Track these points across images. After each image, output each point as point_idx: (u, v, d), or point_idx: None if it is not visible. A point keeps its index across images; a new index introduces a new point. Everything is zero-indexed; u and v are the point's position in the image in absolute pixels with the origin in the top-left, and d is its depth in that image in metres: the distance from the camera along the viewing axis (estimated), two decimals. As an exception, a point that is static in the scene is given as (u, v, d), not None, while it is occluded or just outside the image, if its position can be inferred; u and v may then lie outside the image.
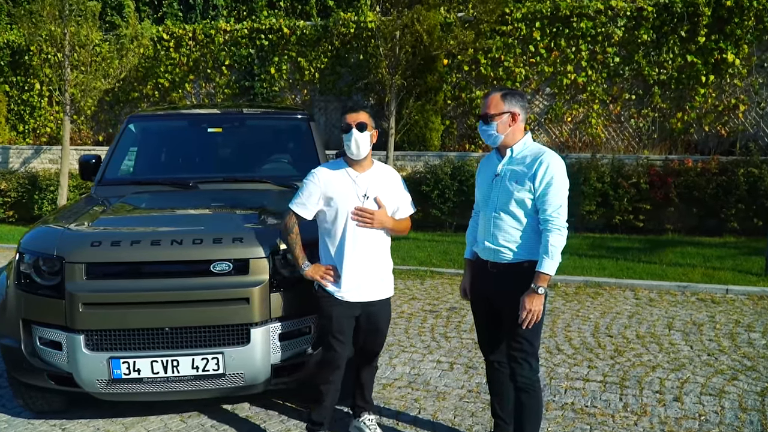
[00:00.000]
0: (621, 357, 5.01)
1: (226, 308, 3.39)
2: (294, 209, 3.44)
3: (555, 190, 3.11)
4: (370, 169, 3.52)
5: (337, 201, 3.40)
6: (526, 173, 3.14)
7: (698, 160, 9.92)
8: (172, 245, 3.41)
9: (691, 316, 6.00)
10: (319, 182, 3.43)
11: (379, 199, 3.47)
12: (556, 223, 3.10)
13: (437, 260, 8.33)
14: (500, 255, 3.23)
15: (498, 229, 3.22)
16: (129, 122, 5.19)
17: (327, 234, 3.47)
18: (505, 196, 3.19)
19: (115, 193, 4.58)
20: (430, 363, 4.98)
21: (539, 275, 3.11)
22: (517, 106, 3.21)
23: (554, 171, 3.13)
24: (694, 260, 8.01)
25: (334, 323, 3.45)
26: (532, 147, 3.26)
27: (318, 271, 3.43)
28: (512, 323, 3.21)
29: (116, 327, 3.36)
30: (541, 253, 3.12)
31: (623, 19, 11.10)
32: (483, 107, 3.24)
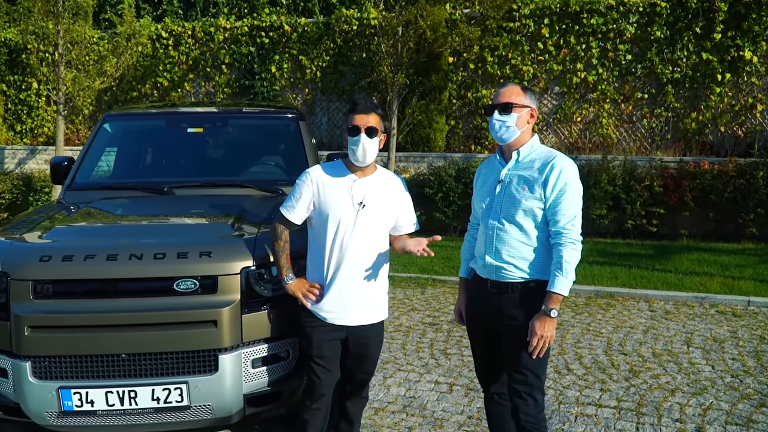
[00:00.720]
0: (636, 378, 4.58)
1: (191, 332, 2.98)
2: (283, 213, 3.08)
3: (569, 198, 2.73)
4: (371, 175, 3.12)
5: (328, 206, 3.01)
6: (535, 179, 2.77)
7: (715, 161, 9.46)
8: (131, 260, 3.01)
9: (711, 332, 5.56)
10: (312, 183, 3.05)
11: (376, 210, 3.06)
12: (570, 236, 2.71)
13: (440, 267, 7.92)
14: (503, 273, 2.82)
15: (501, 242, 2.82)
16: (104, 121, 4.81)
17: (314, 244, 3.10)
18: (510, 205, 2.81)
19: (86, 199, 4.18)
20: (428, 384, 4.57)
21: (551, 296, 2.71)
22: (535, 103, 2.89)
23: (568, 177, 2.74)
24: (712, 268, 7.56)
25: (314, 347, 3.05)
26: (541, 150, 2.88)
27: (301, 287, 3.06)
28: (515, 352, 2.80)
29: (67, 353, 2.96)
30: (552, 271, 2.72)
31: (635, 15, 10.65)
32: (498, 96, 2.85)
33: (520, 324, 2.78)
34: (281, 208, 3.08)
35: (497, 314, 2.86)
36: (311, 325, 3.06)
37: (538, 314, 2.74)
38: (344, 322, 3.05)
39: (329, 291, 3.03)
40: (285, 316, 3.18)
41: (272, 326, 3.18)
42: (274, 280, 3.19)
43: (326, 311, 3.03)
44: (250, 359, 3.11)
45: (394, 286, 7.21)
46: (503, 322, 2.84)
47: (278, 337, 3.21)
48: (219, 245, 3.14)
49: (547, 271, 2.76)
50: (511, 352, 2.84)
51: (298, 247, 3.13)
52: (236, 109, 5.10)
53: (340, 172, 3.10)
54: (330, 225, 3.01)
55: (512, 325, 2.81)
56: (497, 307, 2.85)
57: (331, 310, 3.03)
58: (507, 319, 2.82)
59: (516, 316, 2.80)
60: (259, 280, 3.17)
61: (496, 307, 2.85)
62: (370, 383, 4.52)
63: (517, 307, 2.80)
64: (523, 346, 2.78)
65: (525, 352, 2.77)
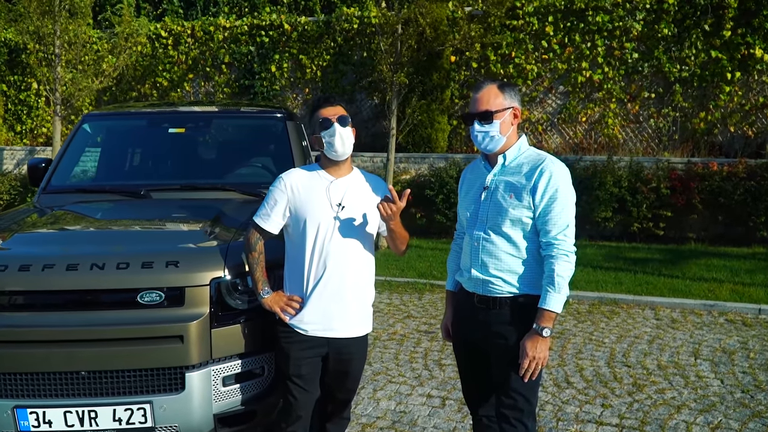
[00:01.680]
0: (640, 393, 4.34)
1: (156, 348, 2.77)
2: (257, 222, 2.87)
3: (560, 206, 2.49)
4: (348, 175, 2.92)
5: (305, 210, 2.81)
6: (523, 185, 2.54)
7: (724, 163, 9.18)
8: (92, 270, 2.79)
9: (720, 342, 5.31)
10: (286, 188, 2.85)
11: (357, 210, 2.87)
12: (563, 247, 2.48)
13: (438, 271, 7.68)
14: (490, 287, 2.59)
15: (488, 254, 2.58)
16: (83, 122, 4.60)
17: (292, 252, 2.88)
18: (496, 214, 2.58)
19: (61, 202, 3.99)
20: (420, 398, 4.34)
21: (543, 313, 2.47)
22: (516, 100, 2.62)
23: (559, 182, 2.51)
24: (721, 274, 7.29)
25: (292, 364, 2.82)
26: (529, 153, 2.64)
27: (279, 301, 2.84)
28: (504, 374, 2.57)
29: (23, 370, 2.75)
30: (544, 286, 2.48)
31: (642, 12, 10.39)
32: (475, 103, 2.59)
33: (509, 343, 2.55)
34: (255, 218, 2.87)
35: (484, 332, 2.62)
36: (289, 340, 2.83)
37: (530, 333, 2.50)
38: (326, 334, 2.83)
39: (310, 301, 2.82)
40: (260, 329, 2.96)
41: (246, 341, 2.95)
42: (249, 291, 2.97)
43: (306, 323, 2.82)
44: (220, 376, 2.89)
45: (390, 291, 6.99)
46: (491, 340, 2.61)
47: (252, 353, 2.99)
48: (187, 254, 2.92)
49: (538, 285, 2.53)
50: (499, 373, 2.60)
51: (274, 257, 2.90)
52: (220, 108, 4.88)
53: (315, 174, 2.91)
54: (308, 230, 2.80)
55: (501, 345, 2.57)
56: (484, 324, 2.61)
57: (311, 321, 2.82)
58: (495, 338, 2.59)
59: (505, 335, 2.56)
60: (232, 292, 2.95)
61: (484, 324, 2.62)
62: (359, 397, 4.31)
63: (505, 324, 2.57)
64: (512, 367, 2.54)
65: (515, 374, 2.54)
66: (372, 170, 10.73)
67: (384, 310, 6.31)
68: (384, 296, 6.81)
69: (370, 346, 5.31)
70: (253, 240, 2.86)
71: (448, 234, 10.02)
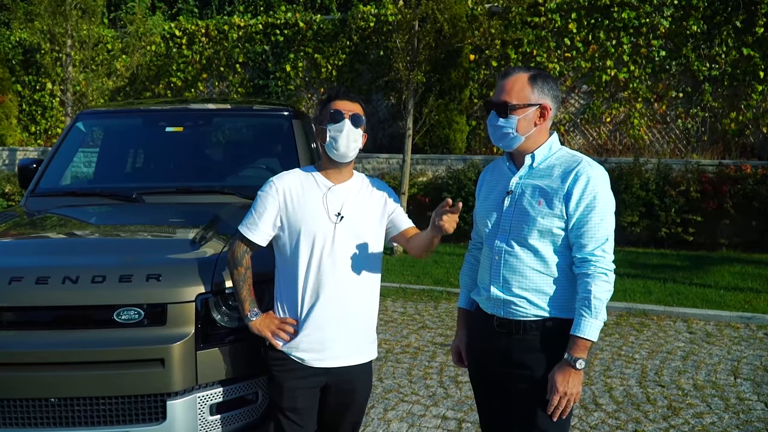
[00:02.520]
0: (677, 417, 3.95)
1: (134, 372, 2.45)
2: (243, 232, 2.48)
3: (598, 216, 2.14)
4: (349, 180, 2.56)
5: (300, 221, 2.45)
6: (555, 190, 2.17)
7: (758, 165, 8.71)
8: (64, 284, 2.49)
9: (761, 359, 4.89)
10: (278, 194, 2.47)
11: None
12: (601, 264, 2.12)
13: (456, 279, 7.32)
14: (513, 309, 2.23)
15: (510, 270, 2.22)
16: (78, 120, 4.32)
17: (284, 268, 2.50)
18: (522, 223, 2.21)
19: (47, 206, 3.71)
20: (434, 419, 3.99)
21: (577, 342, 2.11)
22: (549, 96, 2.23)
23: (597, 189, 2.14)
24: (757, 284, 6.85)
25: (286, 397, 2.45)
26: (561, 154, 2.27)
27: (269, 324, 2.47)
28: (528, 411, 2.22)
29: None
30: (578, 310, 2.12)
31: (670, 8, 9.95)
32: (498, 92, 2.24)
33: (535, 376, 2.19)
34: (240, 227, 2.50)
35: (505, 361, 2.26)
36: (283, 369, 2.46)
37: (560, 365, 2.14)
38: (325, 364, 2.46)
39: (306, 325, 2.45)
40: (252, 350, 2.63)
41: (236, 363, 2.63)
42: None
43: (303, 351, 2.45)
44: (207, 404, 2.57)
45: (405, 300, 6.65)
46: (514, 371, 2.25)
47: (244, 377, 2.67)
48: (171, 266, 2.60)
49: (569, 308, 2.17)
50: (523, 410, 2.25)
51: (265, 270, 2.57)
52: (221, 106, 4.58)
53: (311, 178, 2.54)
54: (303, 244, 2.44)
55: (525, 377, 2.22)
56: (506, 352, 2.25)
57: (308, 349, 2.45)
58: (518, 368, 2.23)
59: (530, 365, 2.21)
60: (221, 308, 2.63)
61: (505, 353, 2.26)
62: (368, 417, 3.97)
63: (531, 352, 2.21)
64: (538, 403, 2.19)
65: (541, 412, 2.19)
66: (388, 172, 10.41)
67: (398, 320, 5.97)
68: (398, 305, 6.48)
69: (381, 359, 4.99)
70: (238, 253, 2.49)
71: (466, 238, 9.60)
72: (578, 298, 2.14)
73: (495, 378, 2.34)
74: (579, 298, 2.13)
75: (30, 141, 14.61)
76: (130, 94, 13.80)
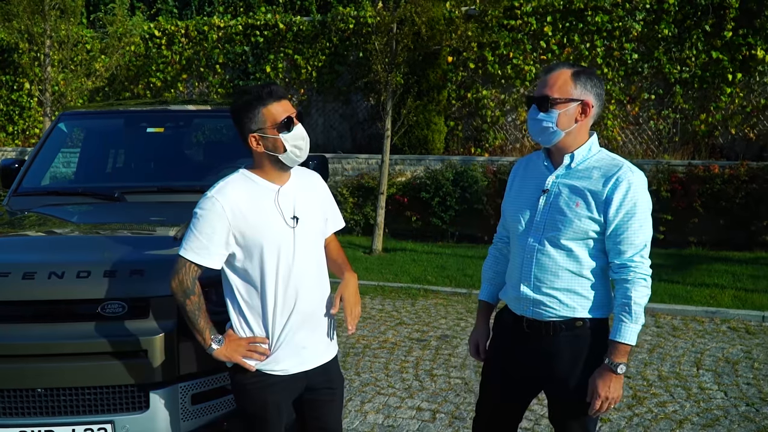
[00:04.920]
0: (641, 406, 4.14)
1: (118, 363, 2.57)
2: (191, 259, 2.27)
3: (638, 223, 2.17)
4: (291, 178, 2.42)
5: (259, 234, 2.27)
6: (594, 193, 2.19)
7: (725, 165, 8.98)
8: (50, 279, 2.60)
9: (723, 351, 5.11)
10: (224, 211, 2.25)
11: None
12: (640, 270, 2.17)
13: (433, 276, 7.48)
14: (543, 309, 2.26)
15: (542, 269, 2.24)
16: (60, 120, 4.40)
17: (247, 285, 2.33)
18: (558, 223, 2.22)
19: (29, 205, 3.79)
20: (409, 410, 4.14)
21: (617, 347, 2.16)
22: (592, 93, 2.23)
23: (638, 196, 2.17)
24: (723, 280, 7.09)
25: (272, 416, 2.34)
26: (602, 156, 2.28)
27: (238, 348, 2.31)
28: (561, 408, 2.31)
29: (-26, 387, 2.56)
30: (617, 315, 2.17)
31: (642, 12, 10.20)
32: (541, 86, 2.24)
33: (566, 375, 2.24)
34: (185, 254, 2.28)
35: (535, 364, 2.29)
36: (263, 385, 2.34)
37: (601, 370, 2.19)
38: (305, 367, 2.39)
39: (282, 338, 2.34)
40: (233, 342, 2.75)
41: (217, 355, 2.74)
42: (221, 300, 2.75)
43: (282, 361, 2.34)
44: (189, 394, 2.69)
45: (383, 297, 6.79)
46: (544, 372, 2.28)
47: (224, 368, 2.73)
48: (153, 262, 2.72)
49: (602, 308, 2.23)
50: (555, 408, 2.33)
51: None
52: (202, 107, 4.68)
53: (253, 185, 2.34)
54: (268, 257, 2.28)
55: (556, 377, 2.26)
56: (535, 355, 2.29)
57: (287, 357, 2.35)
58: (549, 369, 2.27)
59: (560, 367, 2.25)
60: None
61: (534, 355, 2.29)
62: (345, 410, 4.11)
63: (561, 353, 2.25)
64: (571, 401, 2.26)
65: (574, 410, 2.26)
66: (367, 172, 10.55)
67: (376, 317, 6.11)
68: (376, 302, 6.62)
69: (359, 354, 5.13)
70: (188, 282, 2.28)
71: (443, 238, 9.83)
72: (617, 303, 2.18)
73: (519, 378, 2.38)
74: (618, 303, 2.18)
75: (8, 141, 14.51)
76: (109, 95, 13.77)
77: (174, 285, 2.30)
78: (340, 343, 5.25)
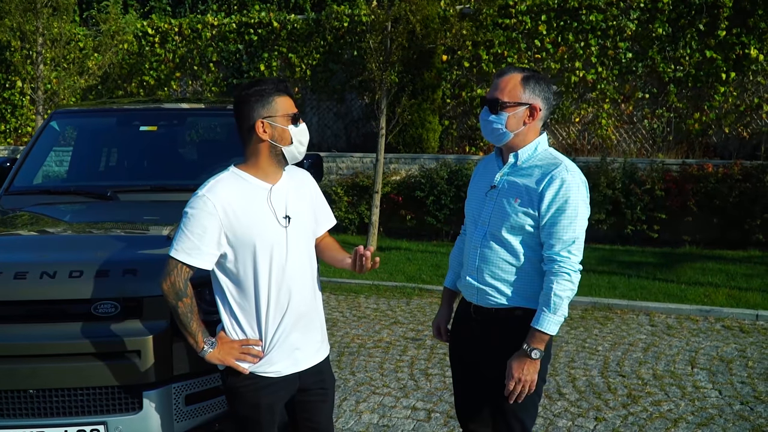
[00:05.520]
0: (636, 405, 4.14)
1: (111, 364, 2.55)
2: (183, 260, 2.21)
3: (568, 219, 2.25)
4: (283, 176, 2.37)
5: (251, 234, 2.23)
6: (531, 190, 2.29)
7: (719, 164, 9.00)
8: (42, 279, 2.57)
9: (718, 350, 5.11)
10: (216, 209, 2.20)
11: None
12: (565, 265, 2.24)
13: (428, 275, 7.47)
14: (486, 297, 2.39)
15: (485, 261, 2.37)
16: (52, 118, 4.37)
17: (239, 286, 2.29)
18: (499, 218, 2.34)
19: (22, 204, 3.75)
20: (404, 410, 4.12)
21: (535, 334, 2.26)
22: (540, 97, 2.35)
23: (570, 193, 2.25)
24: (717, 278, 7.11)
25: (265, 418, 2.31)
26: (545, 155, 2.38)
27: (231, 351, 2.27)
28: (497, 393, 2.36)
29: (-35, 388, 2.53)
30: (540, 305, 2.26)
31: (636, 11, 10.21)
32: (492, 89, 2.36)
33: (503, 360, 2.34)
34: (176, 254, 2.22)
35: (479, 346, 2.44)
36: (256, 387, 2.31)
37: (518, 354, 2.30)
38: (299, 368, 2.37)
39: (275, 339, 2.30)
40: (227, 342, 2.73)
41: (211, 355, 2.72)
42: (215, 300, 2.73)
43: (275, 363, 2.31)
44: (182, 395, 2.67)
45: (378, 296, 6.77)
46: (485, 356, 2.42)
47: (218, 368, 2.75)
48: (146, 261, 2.69)
49: (537, 300, 2.31)
50: (492, 391, 2.40)
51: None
52: (195, 105, 4.65)
53: (245, 183, 2.29)
54: (261, 258, 2.24)
55: (495, 361, 2.36)
56: (479, 338, 2.43)
57: (280, 359, 2.31)
58: (489, 353, 2.40)
59: (499, 350, 2.36)
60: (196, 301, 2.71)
61: (479, 338, 2.43)
62: (340, 410, 4.09)
63: (501, 338, 2.37)
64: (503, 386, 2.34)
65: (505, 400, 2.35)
66: (362, 171, 10.52)
67: (370, 316, 6.09)
68: (371, 301, 6.60)
69: (354, 354, 5.12)
70: (180, 283, 2.22)
71: (438, 237, 9.82)
72: (542, 294, 2.27)
73: (469, 361, 2.50)
74: (542, 294, 2.28)
75: (0, 140, 14.43)
76: (102, 93, 13.70)
77: (165, 287, 2.25)
78: (334, 343, 5.25)
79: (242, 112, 2.28)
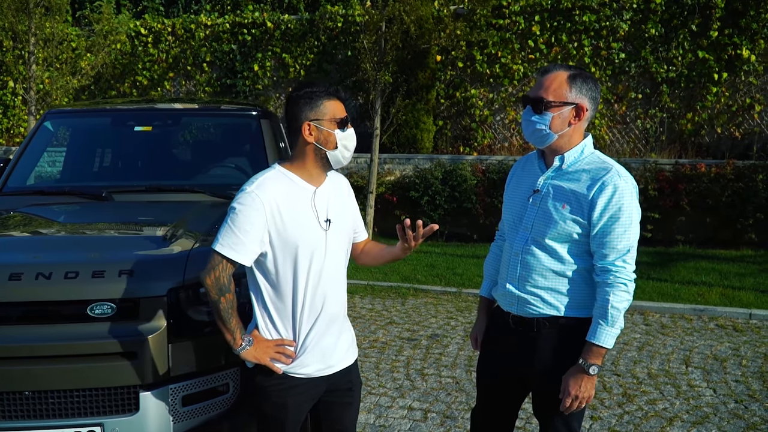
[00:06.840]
0: (631, 404, 4.15)
1: (107, 365, 2.53)
2: (228, 255, 2.18)
3: (622, 227, 2.15)
4: (326, 179, 2.37)
5: (294, 235, 2.21)
6: (580, 196, 2.18)
7: (712, 164, 9.05)
8: (37, 280, 2.55)
9: (712, 349, 5.14)
10: (264, 206, 2.18)
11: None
12: (621, 275, 2.15)
13: (422, 275, 7.48)
14: (528, 306, 2.27)
15: (528, 269, 2.25)
16: (46, 118, 4.34)
17: (276, 286, 2.27)
18: (544, 224, 2.23)
19: (15, 205, 3.72)
20: (401, 410, 4.12)
21: (592, 349, 2.16)
22: (587, 96, 2.22)
23: (624, 199, 2.15)
24: (710, 278, 7.14)
25: (291, 418, 2.30)
26: (592, 158, 2.27)
27: (267, 350, 2.25)
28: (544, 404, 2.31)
29: (-40, 390, 2.51)
30: (596, 317, 2.16)
31: (629, 12, 10.26)
32: (536, 87, 2.23)
33: (549, 371, 2.25)
34: (220, 248, 2.18)
35: (519, 358, 2.31)
36: (284, 387, 2.29)
37: (574, 369, 2.19)
38: (328, 372, 2.35)
39: (308, 341, 2.29)
40: (223, 343, 2.72)
41: (208, 355, 2.72)
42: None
43: (307, 366, 2.30)
44: (179, 396, 2.65)
45: (373, 296, 6.77)
46: (528, 368, 2.30)
47: (216, 368, 2.75)
48: (142, 262, 2.68)
49: (584, 307, 2.22)
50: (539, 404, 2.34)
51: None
52: (190, 105, 4.63)
53: (291, 183, 2.27)
54: (301, 259, 2.23)
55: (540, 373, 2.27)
56: (520, 349, 2.31)
57: (312, 362, 2.30)
58: (533, 365, 2.28)
59: (544, 362, 2.27)
60: (192, 302, 2.71)
61: (519, 349, 2.31)
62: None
63: (545, 349, 2.26)
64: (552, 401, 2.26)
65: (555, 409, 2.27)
66: (356, 171, 10.51)
67: (366, 316, 6.09)
68: (366, 301, 6.60)
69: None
70: (224, 278, 2.19)
71: (433, 237, 9.82)
72: (596, 305, 2.17)
73: (505, 373, 2.40)
74: (597, 306, 2.17)
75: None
76: (95, 93, 13.65)
77: (209, 282, 2.20)
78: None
79: (291, 112, 2.28)
